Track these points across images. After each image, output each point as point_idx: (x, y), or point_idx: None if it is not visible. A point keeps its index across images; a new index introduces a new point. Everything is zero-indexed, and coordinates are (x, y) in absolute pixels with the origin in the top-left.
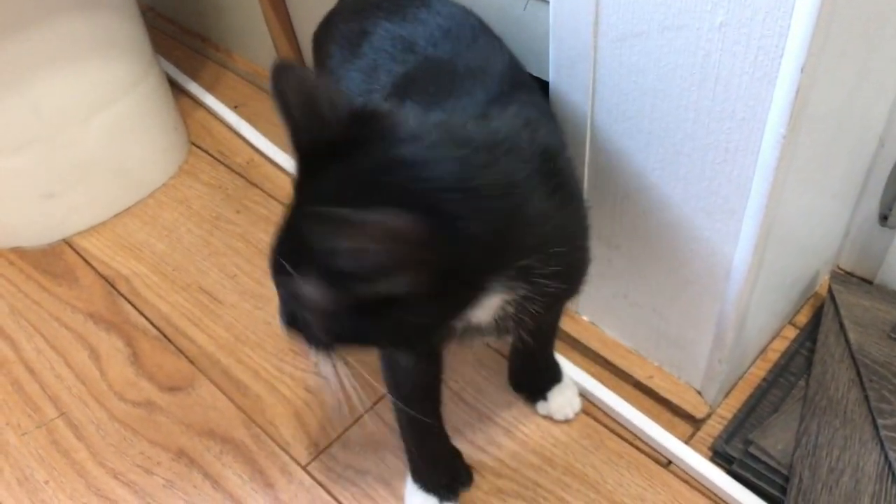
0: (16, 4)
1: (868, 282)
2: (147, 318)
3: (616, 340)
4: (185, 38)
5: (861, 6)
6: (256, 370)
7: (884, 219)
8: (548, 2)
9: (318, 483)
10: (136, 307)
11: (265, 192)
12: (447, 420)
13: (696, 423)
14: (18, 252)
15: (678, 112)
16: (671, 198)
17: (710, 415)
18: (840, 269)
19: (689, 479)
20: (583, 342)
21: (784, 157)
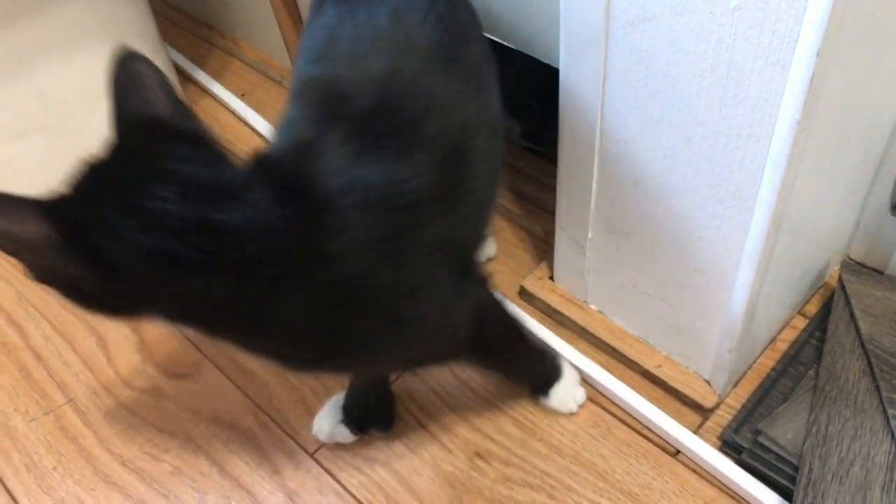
0: None
1: (879, 272)
2: None
3: (624, 329)
4: (192, 27)
5: None
6: None
7: (895, 208)
8: None
9: (326, 470)
10: None
11: None
12: (455, 408)
13: (705, 413)
14: None
15: (689, 98)
16: (682, 185)
17: (719, 404)
18: (850, 259)
19: (698, 469)
20: (590, 331)
21: (798, 144)
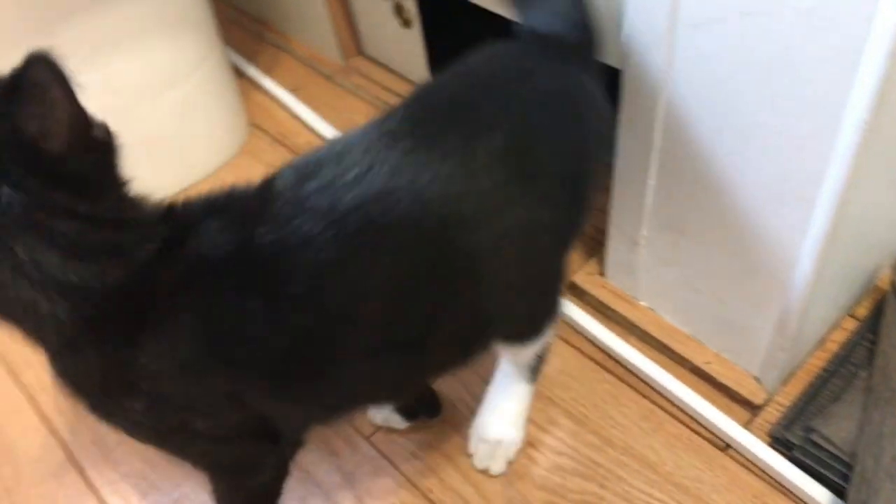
0: None
1: None
2: None
3: (674, 326)
4: (245, 22)
5: None
6: None
7: None
8: None
9: (382, 454)
10: None
11: None
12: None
13: (754, 410)
14: None
15: (752, 98)
16: (742, 183)
17: (768, 402)
18: None
19: (747, 464)
20: (641, 327)
21: (864, 144)
